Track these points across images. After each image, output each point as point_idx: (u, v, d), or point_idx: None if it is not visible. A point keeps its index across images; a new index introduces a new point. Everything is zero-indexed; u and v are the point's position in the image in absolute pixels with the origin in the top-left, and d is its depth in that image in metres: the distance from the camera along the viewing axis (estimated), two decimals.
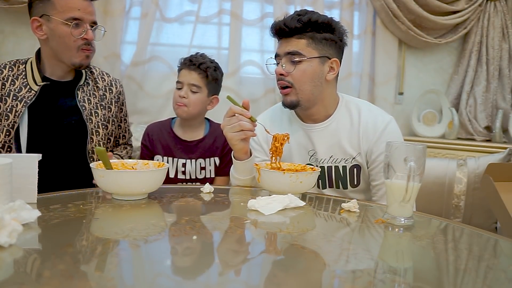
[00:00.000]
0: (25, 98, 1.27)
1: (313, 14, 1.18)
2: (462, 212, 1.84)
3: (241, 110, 1.12)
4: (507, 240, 0.81)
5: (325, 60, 1.20)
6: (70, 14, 1.25)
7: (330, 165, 1.25)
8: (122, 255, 0.65)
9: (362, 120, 1.23)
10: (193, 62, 1.52)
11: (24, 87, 1.29)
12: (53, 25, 1.25)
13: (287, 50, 1.19)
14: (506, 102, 2.34)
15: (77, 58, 1.30)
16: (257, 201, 0.91)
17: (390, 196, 0.87)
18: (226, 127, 1.13)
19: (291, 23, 1.16)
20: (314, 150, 1.27)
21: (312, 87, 1.20)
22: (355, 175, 1.25)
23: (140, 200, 0.95)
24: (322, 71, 1.20)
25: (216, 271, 0.60)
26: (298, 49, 1.17)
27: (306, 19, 1.16)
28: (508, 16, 2.35)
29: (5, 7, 2.03)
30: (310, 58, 1.18)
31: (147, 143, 1.58)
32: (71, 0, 1.25)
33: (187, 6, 2.24)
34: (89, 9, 1.29)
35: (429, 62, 2.47)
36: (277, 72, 1.21)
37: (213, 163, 1.57)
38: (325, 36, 1.18)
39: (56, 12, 1.24)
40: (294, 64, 1.18)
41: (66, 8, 1.25)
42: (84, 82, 1.39)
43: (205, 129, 1.61)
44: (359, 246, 0.75)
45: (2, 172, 0.71)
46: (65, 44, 1.27)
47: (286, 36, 1.19)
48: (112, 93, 1.46)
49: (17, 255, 0.59)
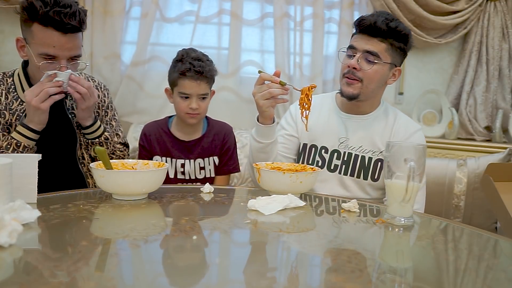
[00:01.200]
0: (17, 111, 1.27)
1: (399, 23, 1.26)
2: (462, 212, 1.83)
3: (270, 76, 1.18)
4: (507, 240, 0.81)
5: (393, 67, 1.30)
6: (44, 49, 1.17)
7: (358, 153, 1.33)
8: (122, 255, 0.65)
9: (397, 122, 1.35)
10: (200, 72, 1.43)
11: (15, 100, 1.28)
12: (30, 53, 1.21)
13: (367, 48, 1.25)
14: (506, 102, 2.34)
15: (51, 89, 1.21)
16: (257, 201, 0.91)
17: (390, 196, 0.87)
18: (257, 94, 1.19)
19: (380, 25, 1.22)
20: (346, 138, 1.35)
21: (376, 87, 1.31)
22: (378, 169, 1.32)
23: (140, 200, 0.95)
24: (387, 76, 1.31)
25: (216, 272, 0.60)
26: (378, 51, 1.25)
27: (394, 26, 1.23)
28: (508, 16, 2.35)
29: (5, 7, 2.03)
30: (385, 62, 1.27)
31: (145, 144, 1.55)
32: (48, 35, 1.16)
33: (187, 6, 2.24)
34: (67, 46, 1.19)
35: (429, 62, 2.47)
36: (351, 65, 1.26)
37: (212, 163, 1.55)
38: (401, 45, 1.27)
39: (33, 43, 1.18)
40: (369, 63, 1.26)
41: (42, 42, 1.17)
42: None
43: (203, 127, 1.59)
44: (359, 246, 0.75)
45: (2, 172, 0.71)
46: (40, 74, 1.21)
47: (370, 34, 1.25)
48: (98, 97, 1.41)
49: (17, 255, 0.59)
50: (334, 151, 1.35)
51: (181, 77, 1.44)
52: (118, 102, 2.12)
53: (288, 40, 2.26)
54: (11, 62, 2.14)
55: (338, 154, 1.35)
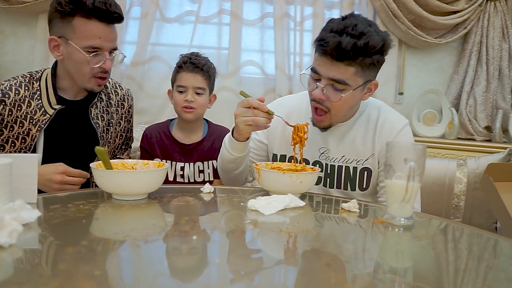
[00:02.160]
0: (39, 122, 1.24)
1: (370, 37, 1.04)
2: (462, 212, 1.84)
3: (258, 103, 1.09)
4: (507, 240, 0.81)
5: (367, 84, 1.14)
6: (89, 42, 1.18)
7: (341, 164, 1.23)
8: (122, 255, 0.65)
9: (380, 120, 1.22)
10: (196, 65, 1.49)
11: (39, 110, 1.25)
12: (71, 49, 1.19)
13: (331, 76, 1.08)
14: (506, 102, 2.34)
15: (90, 84, 1.26)
16: (257, 201, 0.91)
17: (390, 196, 0.87)
18: (240, 118, 1.10)
19: (345, 48, 1.03)
20: (326, 148, 1.24)
21: (348, 112, 1.19)
22: (365, 178, 1.23)
23: (140, 200, 0.95)
24: (361, 96, 1.17)
25: (216, 272, 0.60)
26: (345, 78, 1.08)
27: (362, 45, 1.04)
28: (508, 16, 2.35)
29: (5, 7, 2.03)
30: (355, 88, 1.10)
31: (146, 146, 1.57)
32: (92, 27, 1.17)
33: (187, 6, 2.24)
34: (110, 36, 1.21)
35: (429, 62, 2.47)
36: (316, 96, 1.13)
37: (211, 166, 1.56)
38: (374, 59, 1.08)
39: (75, 37, 1.18)
40: (336, 91, 1.10)
41: (86, 35, 1.17)
42: (98, 98, 1.36)
43: (204, 131, 1.60)
44: (359, 246, 0.75)
45: (2, 172, 0.71)
46: (80, 70, 1.22)
47: (334, 58, 1.06)
48: (124, 108, 1.46)
49: (17, 255, 0.59)
50: (315, 162, 1.25)
51: (179, 71, 1.52)
52: None
53: (288, 40, 2.26)
54: (11, 62, 2.15)
55: (320, 166, 1.24)
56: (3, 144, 1.24)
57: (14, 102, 1.22)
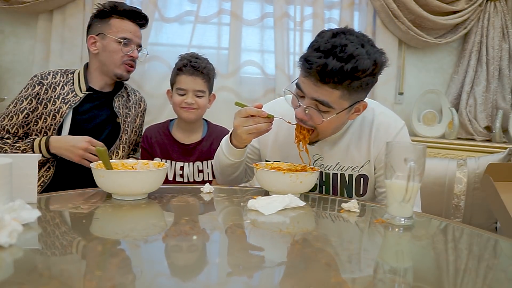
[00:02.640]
0: (70, 101, 1.47)
1: (360, 61, 0.95)
2: (462, 212, 1.83)
3: (256, 111, 1.06)
4: (507, 240, 0.81)
5: (354, 105, 1.06)
6: (122, 34, 1.50)
7: (336, 172, 1.20)
8: (122, 255, 0.65)
9: (375, 124, 1.17)
10: (196, 68, 1.49)
11: (71, 92, 1.50)
12: (107, 41, 1.50)
13: (315, 97, 1.02)
14: (506, 102, 2.34)
15: (120, 70, 1.52)
16: (257, 201, 0.91)
17: (390, 196, 0.87)
18: (242, 128, 1.07)
19: (331, 71, 0.95)
20: (320, 156, 1.21)
21: (335, 130, 1.14)
22: (362, 184, 1.19)
23: (140, 200, 0.95)
24: (348, 116, 1.10)
25: (216, 271, 0.60)
26: (329, 101, 1.01)
27: (349, 69, 0.95)
28: (508, 16, 2.35)
29: (5, 7, 2.03)
30: (339, 112, 1.04)
31: (146, 146, 1.58)
32: (125, 24, 1.52)
33: (186, 6, 2.24)
34: (138, 34, 1.56)
35: (429, 62, 2.47)
36: (298, 115, 1.08)
37: (210, 166, 1.56)
38: (364, 82, 0.99)
39: (111, 32, 1.50)
40: (319, 113, 1.04)
41: (120, 29, 1.51)
42: (121, 93, 1.60)
43: (203, 131, 1.61)
44: (359, 246, 0.75)
45: (2, 172, 0.71)
46: (112, 58, 1.51)
47: (319, 80, 0.99)
48: (140, 108, 1.68)
49: (17, 255, 0.59)
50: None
51: (178, 73, 1.52)
52: None
53: (288, 40, 2.26)
54: (11, 62, 2.15)
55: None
56: (37, 119, 1.45)
57: (50, 84, 1.48)
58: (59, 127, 1.44)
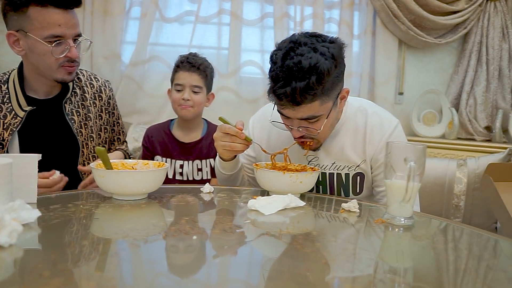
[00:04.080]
0: (10, 125, 1.18)
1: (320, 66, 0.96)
2: (462, 212, 1.83)
3: (235, 132, 1.06)
4: (507, 240, 0.81)
5: (338, 98, 1.08)
6: (49, 31, 1.10)
7: (333, 172, 1.20)
8: (122, 255, 0.65)
9: (368, 125, 1.17)
10: (193, 64, 1.53)
11: (9, 113, 1.19)
12: (31, 41, 1.11)
13: (300, 117, 1.04)
14: (506, 102, 2.34)
15: (59, 74, 1.18)
16: (257, 201, 0.91)
17: (390, 196, 0.87)
18: (218, 141, 1.09)
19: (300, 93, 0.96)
20: (315, 156, 1.21)
21: (331, 128, 1.15)
22: (358, 183, 1.20)
23: (140, 200, 0.95)
24: (337, 109, 1.11)
25: (216, 271, 0.60)
26: (315, 113, 1.03)
27: (315, 80, 0.96)
28: (508, 16, 2.35)
29: None
30: (329, 113, 1.06)
31: (147, 145, 1.62)
32: (50, 14, 1.09)
33: (186, 6, 2.24)
34: (71, 22, 1.13)
35: (429, 62, 2.47)
36: (296, 136, 1.10)
37: (209, 165, 1.59)
38: (332, 78, 1.00)
39: (33, 28, 1.09)
40: (313, 124, 1.06)
41: (45, 24, 1.09)
42: (72, 93, 1.28)
43: (203, 130, 1.63)
44: (359, 246, 0.75)
45: (2, 172, 0.71)
46: (45, 62, 1.14)
47: (294, 104, 1.00)
48: (102, 100, 1.37)
49: (17, 255, 0.59)
50: None
51: (177, 70, 1.56)
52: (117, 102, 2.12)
53: None
54: (11, 62, 2.15)
55: None
56: None
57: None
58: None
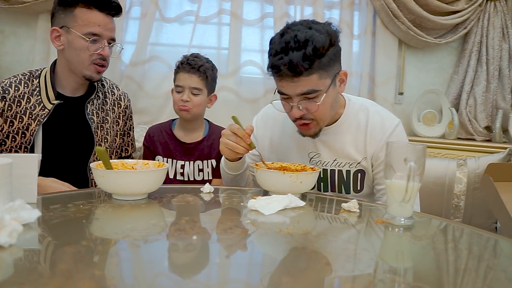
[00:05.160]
0: (38, 116, 1.28)
1: (315, 40, 1.01)
2: (462, 212, 1.83)
3: (242, 134, 1.09)
4: (507, 240, 0.81)
5: (336, 77, 1.11)
6: (89, 29, 1.25)
7: (334, 168, 1.22)
8: (122, 255, 0.65)
9: (370, 123, 1.18)
10: (193, 66, 1.52)
11: (38, 105, 1.29)
12: (72, 37, 1.26)
13: (299, 92, 1.06)
14: (506, 102, 2.34)
15: (88, 71, 1.30)
16: (257, 201, 0.91)
17: (390, 196, 0.87)
18: (224, 139, 1.11)
19: (298, 63, 1.01)
20: (316, 153, 1.23)
21: (331, 111, 1.15)
22: (359, 180, 1.21)
23: (140, 200, 0.95)
24: (337, 90, 1.13)
25: (216, 271, 0.60)
26: (313, 87, 1.05)
27: (311, 51, 1.01)
28: (508, 16, 2.35)
29: (5, 7, 2.03)
30: (327, 90, 1.08)
31: (149, 144, 1.62)
32: (93, 16, 1.25)
33: (186, 6, 2.24)
34: (109, 26, 1.29)
35: (429, 62, 2.47)
36: (295, 115, 1.11)
37: (210, 165, 1.58)
38: (329, 55, 1.05)
39: (76, 25, 1.25)
40: (311, 102, 1.07)
41: (87, 22, 1.25)
42: (95, 95, 1.40)
43: (205, 131, 1.63)
44: (359, 246, 0.75)
45: (2, 172, 0.71)
46: (79, 57, 1.27)
47: (293, 75, 1.04)
48: (120, 107, 1.48)
49: (17, 255, 0.59)
50: None
51: (177, 71, 1.57)
52: None
53: None
54: (11, 62, 2.15)
55: None
56: (4, 139, 1.27)
57: (13, 98, 1.27)
58: (31, 146, 1.28)
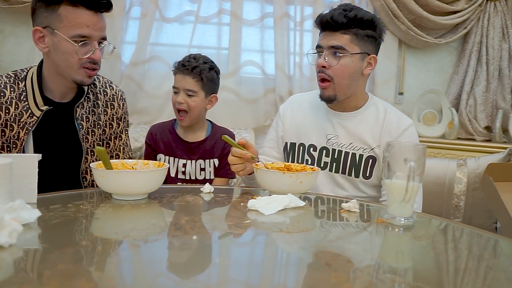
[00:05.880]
0: (26, 124, 1.18)
1: (359, 11, 1.22)
2: (462, 212, 1.83)
3: (240, 152, 1.13)
4: (507, 240, 0.81)
5: (365, 56, 1.25)
6: (77, 31, 1.11)
7: (348, 150, 1.30)
8: (122, 255, 0.65)
9: (387, 118, 1.30)
10: (186, 67, 1.50)
11: (25, 112, 1.18)
12: (57, 39, 1.12)
13: (330, 44, 1.23)
14: (506, 102, 2.34)
15: (78, 75, 1.17)
16: (257, 201, 0.91)
17: (390, 196, 0.87)
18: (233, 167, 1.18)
19: (338, 18, 1.20)
20: (335, 135, 1.32)
21: (350, 82, 1.26)
22: (369, 166, 1.28)
23: (140, 200, 0.95)
24: (361, 67, 1.26)
25: (216, 271, 0.60)
26: (342, 44, 1.22)
27: (352, 15, 1.20)
28: (508, 16, 2.35)
29: (5, 7, 2.03)
30: (353, 54, 1.23)
31: (151, 142, 1.61)
32: (80, 15, 1.11)
33: (186, 6, 2.24)
34: (99, 25, 1.15)
35: (429, 62, 2.47)
36: (319, 64, 1.25)
37: (212, 165, 1.58)
38: (368, 33, 1.23)
39: (62, 27, 1.11)
40: (336, 58, 1.23)
41: (74, 23, 1.10)
42: (85, 97, 1.27)
43: (207, 130, 1.62)
44: (359, 246, 0.75)
45: (2, 172, 0.71)
46: (67, 61, 1.14)
47: (331, 30, 1.23)
48: (114, 108, 1.35)
49: (17, 255, 0.59)
50: (322, 148, 1.32)
51: (175, 72, 1.56)
52: None
53: (288, 40, 2.26)
54: (11, 62, 2.15)
55: (327, 151, 1.32)
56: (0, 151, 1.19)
57: (1, 105, 1.16)
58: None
